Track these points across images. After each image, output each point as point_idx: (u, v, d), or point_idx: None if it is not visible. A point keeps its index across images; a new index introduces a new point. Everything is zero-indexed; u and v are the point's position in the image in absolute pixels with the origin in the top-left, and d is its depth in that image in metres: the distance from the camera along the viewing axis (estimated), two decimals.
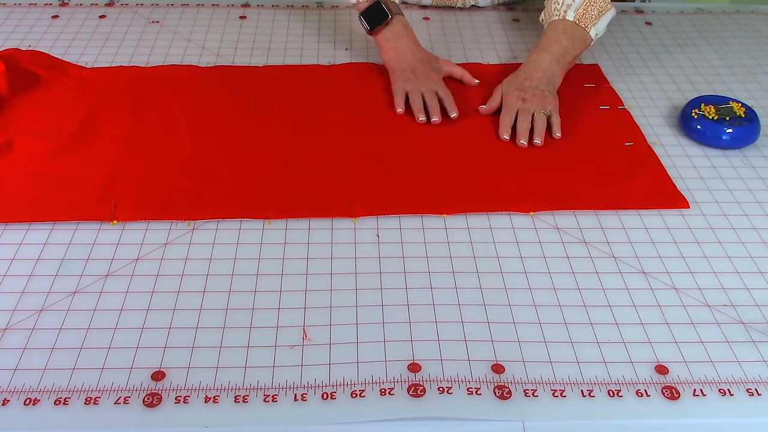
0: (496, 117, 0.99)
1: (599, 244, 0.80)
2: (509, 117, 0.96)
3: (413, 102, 0.99)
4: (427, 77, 1.02)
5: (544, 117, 0.96)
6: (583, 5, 1.04)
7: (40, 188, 0.84)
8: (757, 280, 0.77)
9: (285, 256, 0.77)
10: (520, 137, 0.94)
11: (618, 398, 0.64)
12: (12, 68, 1.00)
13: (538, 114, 0.95)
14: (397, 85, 1.01)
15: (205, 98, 1.02)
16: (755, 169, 0.93)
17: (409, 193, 0.86)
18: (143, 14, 1.24)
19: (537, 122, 0.95)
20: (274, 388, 0.64)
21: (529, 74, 1.01)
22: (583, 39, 1.05)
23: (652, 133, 0.99)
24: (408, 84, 1.01)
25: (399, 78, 1.02)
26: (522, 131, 0.94)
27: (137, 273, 0.75)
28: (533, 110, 0.96)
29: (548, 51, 1.02)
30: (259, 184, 0.87)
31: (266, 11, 1.27)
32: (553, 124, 0.96)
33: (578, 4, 1.04)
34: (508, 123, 0.96)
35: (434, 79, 1.02)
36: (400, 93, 1.00)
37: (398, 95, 1.00)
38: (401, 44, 1.05)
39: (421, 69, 1.02)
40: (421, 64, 1.03)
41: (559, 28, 1.04)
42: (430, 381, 0.65)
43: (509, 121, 0.96)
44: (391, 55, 1.05)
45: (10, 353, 0.66)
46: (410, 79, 1.01)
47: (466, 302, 0.73)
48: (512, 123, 0.96)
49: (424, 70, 1.02)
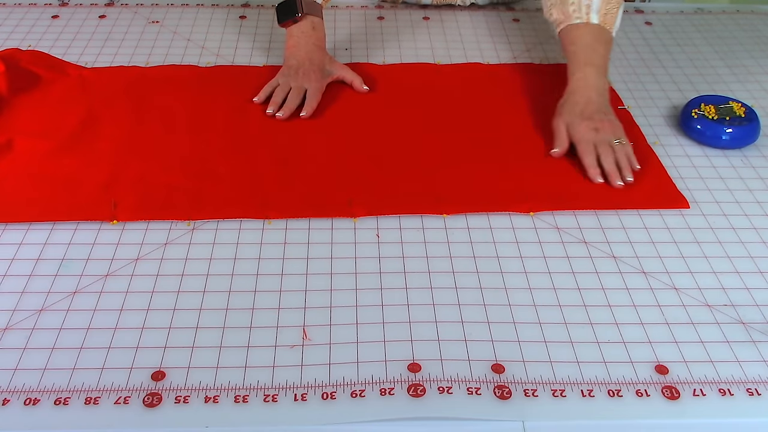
0: (496, 117, 0.99)
1: (599, 244, 0.80)
2: (592, 155, 0.89)
3: (274, 94, 0.99)
4: (305, 76, 1.00)
5: (624, 148, 0.90)
6: (603, 4, 0.99)
7: (40, 188, 0.84)
8: (757, 280, 0.77)
9: (285, 256, 0.77)
10: (614, 179, 0.87)
11: (618, 398, 0.64)
12: (12, 68, 1.00)
13: (614, 145, 0.90)
14: (274, 79, 1.02)
15: (205, 98, 1.02)
16: (755, 169, 0.93)
17: (409, 193, 0.86)
18: (143, 14, 1.24)
19: (621, 158, 0.89)
20: (274, 388, 0.64)
21: (587, 97, 0.94)
22: (609, 42, 0.99)
23: (652, 133, 0.99)
24: (282, 78, 1.01)
25: (280, 73, 1.02)
26: (613, 171, 0.88)
27: (137, 273, 0.75)
28: (609, 141, 0.90)
29: (591, 65, 0.96)
30: (259, 184, 0.87)
31: (266, 11, 1.27)
32: (630, 155, 0.90)
33: (598, 5, 0.99)
34: (594, 162, 0.88)
35: (312, 78, 1.00)
36: (270, 85, 1.01)
37: (267, 87, 1.01)
38: (301, 42, 1.04)
39: (306, 68, 1.01)
40: (309, 63, 1.02)
41: (588, 34, 0.98)
42: (430, 381, 0.65)
43: (594, 159, 0.89)
44: (287, 52, 1.05)
45: (10, 353, 0.66)
46: (288, 74, 1.01)
47: (466, 302, 0.73)
48: (596, 159, 0.89)
49: (307, 70, 1.01)
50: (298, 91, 0.99)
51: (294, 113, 0.98)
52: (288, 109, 0.97)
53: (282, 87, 1.00)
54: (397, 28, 1.23)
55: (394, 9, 1.29)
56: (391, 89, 1.06)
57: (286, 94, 0.99)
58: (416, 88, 1.06)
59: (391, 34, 1.21)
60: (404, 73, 1.10)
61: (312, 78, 1.00)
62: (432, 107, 1.02)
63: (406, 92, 1.05)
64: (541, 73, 1.10)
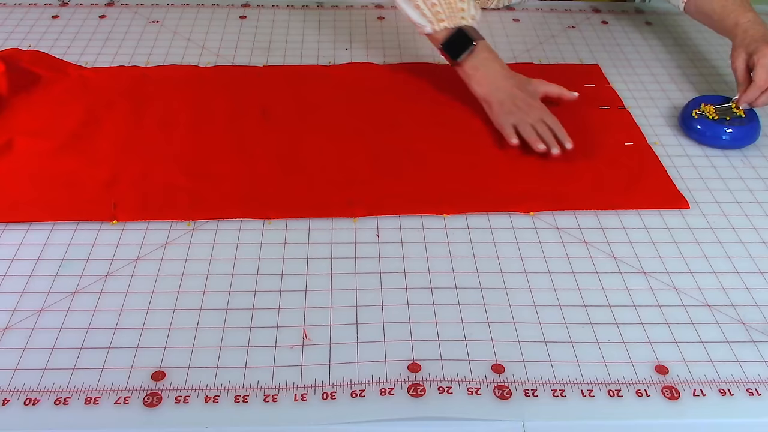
0: None
1: (599, 244, 0.80)
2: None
3: (526, 134, 0.92)
4: (529, 107, 0.94)
5: None
6: None
7: (40, 188, 0.84)
8: (757, 280, 0.77)
9: (285, 256, 0.77)
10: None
11: (618, 398, 0.64)
12: (12, 68, 1.00)
13: None
14: (503, 120, 0.94)
15: (205, 98, 1.02)
16: (755, 169, 0.93)
17: (409, 193, 0.86)
18: (143, 14, 1.24)
19: None
20: (274, 388, 0.64)
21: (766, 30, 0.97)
22: None
23: (652, 133, 0.99)
24: (513, 117, 0.93)
25: (501, 111, 0.95)
26: None
27: (137, 273, 0.75)
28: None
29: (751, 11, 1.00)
30: (259, 184, 0.87)
31: (266, 11, 1.27)
32: None
33: None
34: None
35: (537, 107, 0.95)
36: (509, 126, 0.93)
37: (508, 128, 0.93)
38: (491, 72, 0.97)
39: (521, 98, 0.95)
40: (519, 91, 0.96)
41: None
42: (430, 381, 0.65)
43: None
44: (483, 86, 0.97)
45: (10, 353, 0.66)
46: (513, 111, 0.94)
47: (466, 302, 0.73)
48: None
49: (525, 99, 0.95)
50: (541, 124, 0.92)
51: None
52: (554, 143, 0.91)
53: (522, 125, 0.92)
54: (397, 28, 1.23)
55: (394, 9, 1.29)
56: (391, 89, 1.06)
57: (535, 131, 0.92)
58: (416, 88, 1.06)
59: (391, 34, 1.21)
60: (404, 73, 1.10)
61: (535, 107, 0.95)
62: (432, 107, 1.02)
63: (406, 92, 1.05)
64: (541, 73, 1.10)
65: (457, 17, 0.98)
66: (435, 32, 0.99)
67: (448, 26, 0.98)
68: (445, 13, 0.98)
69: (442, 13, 0.98)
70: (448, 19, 0.98)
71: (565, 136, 0.91)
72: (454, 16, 0.98)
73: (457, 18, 0.98)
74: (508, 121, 0.94)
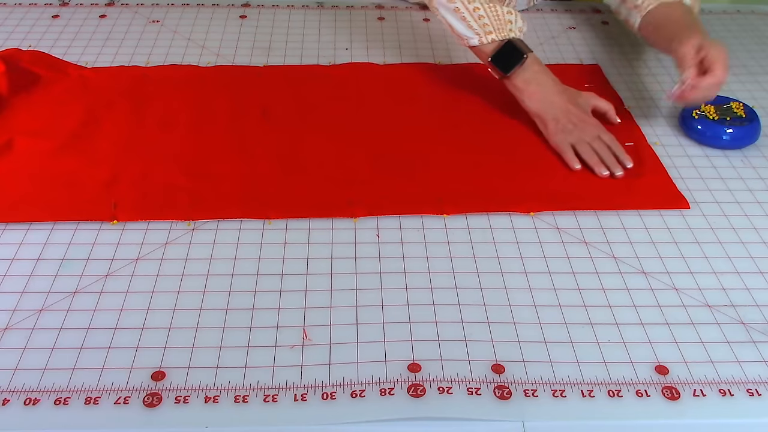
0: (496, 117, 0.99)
1: (599, 244, 0.80)
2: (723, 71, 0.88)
3: (586, 156, 0.90)
4: (585, 123, 0.93)
5: None
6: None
7: (40, 188, 0.84)
8: (757, 280, 0.77)
9: (285, 256, 0.77)
10: None
11: (618, 398, 0.64)
12: (12, 68, 1.00)
13: None
14: (559, 140, 0.92)
15: (205, 98, 1.02)
16: (755, 169, 0.93)
17: (409, 193, 0.86)
18: (143, 14, 1.24)
19: None
20: (274, 388, 0.64)
21: None
22: None
23: (653, 133, 0.99)
24: (570, 136, 0.92)
25: (557, 130, 0.93)
26: None
27: (137, 273, 0.75)
28: None
29: (703, 32, 0.95)
30: (259, 184, 0.87)
31: (266, 11, 1.27)
32: None
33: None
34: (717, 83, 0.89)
35: (593, 123, 0.93)
36: (568, 148, 0.91)
37: (568, 151, 0.91)
38: (543, 86, 0.95)
39: (575, 114, 0.93)
40: (573, 107, 0.94)
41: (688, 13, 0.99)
42: (430, 381, 0.65)
43: None
44: (536, 102, 0.95)
45: (10, 353, 0.66)
46: (569, 129, 0.92)
47: (466, 302, 0.73)
48: None
49: (579, 115, 0.93)
50: (599, 142, 0.91)
51: None
52: (615, 163, 0.89)
53: (581, 144, 0.91)
54: (397, 28, 1.23)
55: (394, 10, 1.29)
56: (391, 89, 1.06)
57: (594, 151, 0.91)
58: (416, 88, 1.06)
59: (391, 34, 1.21)
60: (404, 73, 1.10)
61: (590, 123, 0.93)
62: (432, 107, 1.02)
63: (406, 92, 1.05)
64: None
65: (505, 29, 0.95)
66: (482, 45, 0.96)
67: (497, 39, 0.95)
68: (493, 25, 0.95)
69: (489, 25, 0.95)
70: (496, 31, 0.95)
71: (625, 154, 0.90)
72: (502, 28, 0.95)
73: (505, 30, 0.95)
74: (566, 141, 0.91)
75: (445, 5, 0.97)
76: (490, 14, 0.95)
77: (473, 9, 0.96)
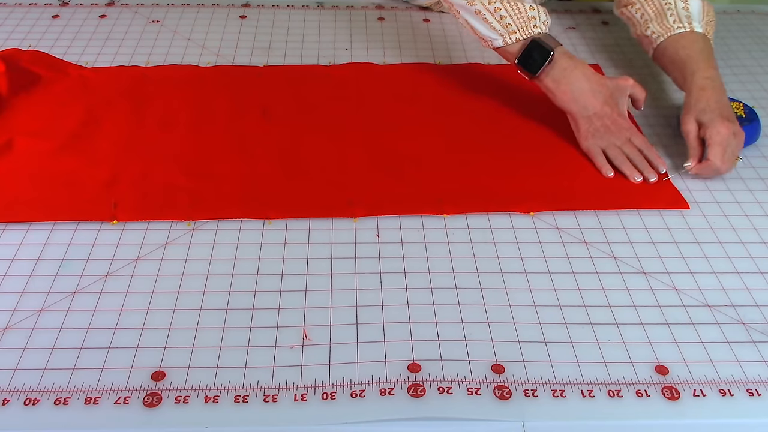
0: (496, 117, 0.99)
1: (599, 244, 0.80)
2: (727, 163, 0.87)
3: (618, 161, 0.88)
4: (617, 126, 0.90)
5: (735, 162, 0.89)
6: (703, 14, 0.98)
7: (40, 188, 0.84)
8: (757, 281, 0.77)
9: (285, 256, 0.77)
10: None
11: (618, 398, 0.64)
12: (12, 68, 1.00)
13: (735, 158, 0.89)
14: (590, 144, 0.90)
15: (205, 98, 1.02)
16: (755, 169, 0.93)
17: (409, 193, 0.86)
18: (143, 14, 1.24)
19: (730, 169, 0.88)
20: (274, 388, 0.64)
21: (722, 98, 0.91)
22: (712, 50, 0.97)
23: (653, 133, 0.99)
24: (601, 140, 0.90)
25: (588, 133, 0.90)
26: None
27: (137, 273, 0.75)
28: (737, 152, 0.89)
29: (713, 68, 0.94)
30: (259, 184, 0.87)
31: (266, 11, 1.27)
32: None
33: (698, 15, 0.98)
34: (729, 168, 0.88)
35: (626, 127, 0.91)
36: (599, 153, 0.89)
37: (599, 156, 0.89)
38: (575, 83, 0.90)
39: (608, 115, 0.90)
40: (607, 107, 0.90)
41: (698, 41, 0.97)
42: (430, 381, 0.65)
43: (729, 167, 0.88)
44: (568, 102, 0.91)
45: (10, 353, 0.66)
46: (600, 132, 0.90)
47: (466, 302, 0.73)
48: None
49: (612, 117, 0.90)
50: (630, 146, 0.89)
51: None
52: (649, 169, 0.88)
53: (611, 149, 0.89)
54: (397, 28, 1.23)
55: (394, 10, 1.29)
56: (391, 89, 1.06)
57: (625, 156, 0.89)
58: (416, 88, 1.06)
59: (391, 34, 1.21)
60: (404, 73, 1.10)
61: (623, 126, 0.91)
62: (432, 107, 1.02)
63: (406, 92, 1.05)
64: None
65: (529, 26, 0.92)
66: (507, 45, 0.93)
67: (521, 38, 0.92)
68: (516, 24, 0.92)
69: (513, 24, 0.92)
70: (519, 30, 0.92)
71: (658, 158, 0.89)
72: (526, 25, 0.92)
73: (529, 27, 0.92)
74: (596, 145, 0.90)
75: (465, 8, 0.94)
76: (512, 13, 0.92)
77: (494, 9, 0.92)
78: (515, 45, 0.93)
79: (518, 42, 0.92)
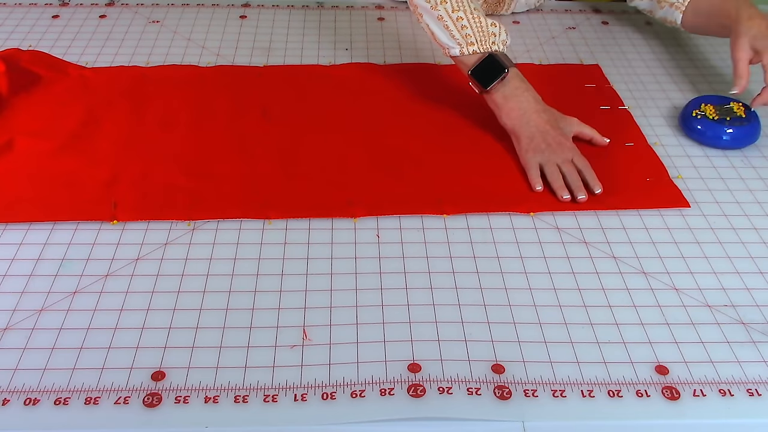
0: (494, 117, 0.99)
1: (599, 244, 0.80)
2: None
3: (551, 178, 0.87)
4: (559, 145, 0.89)
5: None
6: None
7: (40, 188, 0.84)
8: (757, 281, 0.77)
9: (285, 256, 0.77)
10: None
11: (618, 398, 0.64)
12: (12, 68, 1.00)
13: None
14: (528, 157, 0.89)
15: (205, 98, 1.02)
16: (755, 170, 0.93)
17: (409, 193, 0.86)
18: (143, 14, 1.24)
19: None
20: (274, 388, 0.64)
21: None
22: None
23: (653, 134, 0.99)
24: (541, 155, 0.88)
25: (529, 148, 0.89)
26: None
27: (137, 273, 0.75)
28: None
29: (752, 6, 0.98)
30: (259, 184, 0.87)
31: (266, 11, 1.27)
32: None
33: None
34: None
35: (568, 147, 0.89)
36: (535, 167, 0.88)
37: (533, 170, 0.88)
38: (523, 103, 0.91)
39: (552, 135, 0.89)
40: (550, 128, 0.90)
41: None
42: (430, 381, 0.65)
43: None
44: (514, 119, 0.91)
45: (10, 353, 0.66)
46: (542, 148, 0.89)
47: (466, 302, 0.73)
48: None
49: (556, 137, 0.90)
50: (569, 165, 0.87)
51: None
52: (581, 189, 0.86)
53: (549, 165, 0.88)
54: (397, 28, 1.23)
55: (394, 10, 1.29)
56: (392, 89, 1.06)
57: (560, 174, 0.87)
58: (416, 88, 1.06)
59: (391, 34, 1.21)
60: (404, 73, 1.10)
61: (565, 146, 0.89)
62: (432, 107, 1.02)
63: (407, 92, 1.05)
64: (541, 73, 1.10)
65: (488, 42, 0.93)
66: (463, 56, 0.94)
67: (478, 51, 0.93)
68: (476, 36, 0.93)
69: (472, 36, 0.93)
70: (478, 43, 0.93)
71: (595, 179, 0.87)
72: (485, 40, 0.93)
73: (488, 43, 0.93)
74: (534, 159, 0.88)
75: (429, 12, 0.95)
76: (474, 25, 0.93)
77: (457, 18, 0.93)
78: (472, 57, 0.93)
79: (475, 54, 0.93)
